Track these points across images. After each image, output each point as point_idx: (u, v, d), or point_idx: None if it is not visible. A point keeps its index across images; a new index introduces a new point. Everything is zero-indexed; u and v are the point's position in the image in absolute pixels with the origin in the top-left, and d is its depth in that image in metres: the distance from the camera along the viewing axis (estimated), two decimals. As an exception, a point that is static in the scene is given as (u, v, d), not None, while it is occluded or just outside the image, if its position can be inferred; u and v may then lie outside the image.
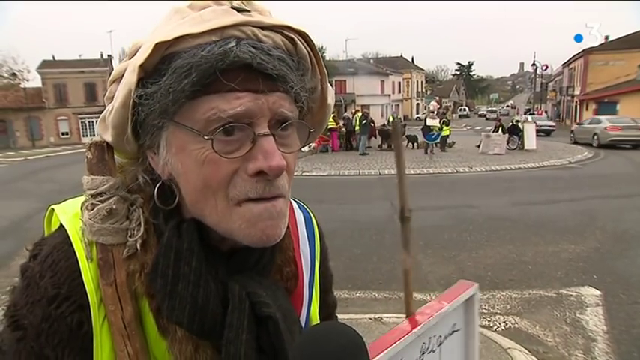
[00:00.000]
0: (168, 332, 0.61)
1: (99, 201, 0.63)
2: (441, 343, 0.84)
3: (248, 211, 0.59)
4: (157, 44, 0.55)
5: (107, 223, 0.62)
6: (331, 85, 0.72)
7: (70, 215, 0.65)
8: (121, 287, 0.61)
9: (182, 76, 0.55)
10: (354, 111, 22.11)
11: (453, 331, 0.85)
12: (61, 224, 0.65)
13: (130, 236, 0.63)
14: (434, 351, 0.84)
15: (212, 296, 0.61)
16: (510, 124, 20.91)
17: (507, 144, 19.32)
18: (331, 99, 0.72)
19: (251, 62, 0.56)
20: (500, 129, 19.92)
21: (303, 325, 0.74)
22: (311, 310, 0.80)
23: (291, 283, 0.74)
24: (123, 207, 0.64)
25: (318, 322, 0.82)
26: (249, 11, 0.60)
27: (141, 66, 0.57)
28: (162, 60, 0.57)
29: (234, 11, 0.59)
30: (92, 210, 0.63)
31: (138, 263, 0.62)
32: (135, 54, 0.61)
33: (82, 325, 0.60)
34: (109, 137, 0.64)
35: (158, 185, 0.64)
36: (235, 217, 0.59)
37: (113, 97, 0.63)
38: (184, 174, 0.60)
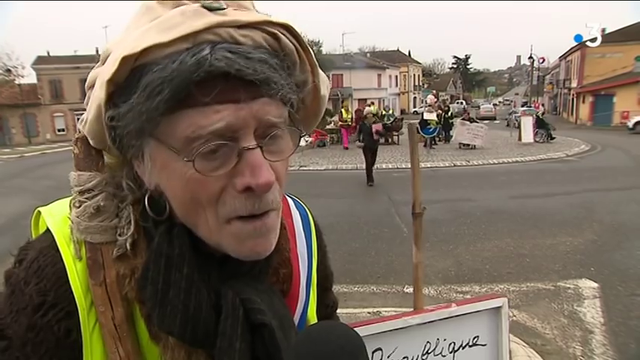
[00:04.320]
0: (159, 339, 0.59)
1: (86, 198, 0.60)
2: (454, 351, 0.75)
3: (237, 229, 0.56)
4: (123, 58, 0.51)
5: (95, 220, 0.60)
6: (328, 78, 0.68)
7: (57, 218, 0.62)
8: (110, 287, 0.58)
9: (154, 94, 0.50)
10: (362, 107, 21.72)
11: (475, 344, 0.75)
12: (47, 227, 0.62)
13: (120, 234, 0.60)
14: (444, 356, 0.76)
15: (204, 304, 0.59)
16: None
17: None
18: (325, 89, 0.67)
19: (228, 70, 0.50)
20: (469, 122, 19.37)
21: (298, 327, 0.72)
22: (308, 311, 0.78)
23: (287, 285, 0.72)
24: (112, 204, 0.61)
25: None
26: (223, 9, 0.54)
27: (109, 81, 0.52)
28: (132, 72, 0.52)
29: (206, 11, 0.53)
30: (79, 207, 0.60)
31: (128, 267, 0.59)
32: (105, 61, 0.57)
33: (70, 333, 0.57)
34: (90, 141, 0.61)
35: (148, 195, 0.61)
36: (225, 233, 0.57)
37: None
38: (171, 189, 0.57)
